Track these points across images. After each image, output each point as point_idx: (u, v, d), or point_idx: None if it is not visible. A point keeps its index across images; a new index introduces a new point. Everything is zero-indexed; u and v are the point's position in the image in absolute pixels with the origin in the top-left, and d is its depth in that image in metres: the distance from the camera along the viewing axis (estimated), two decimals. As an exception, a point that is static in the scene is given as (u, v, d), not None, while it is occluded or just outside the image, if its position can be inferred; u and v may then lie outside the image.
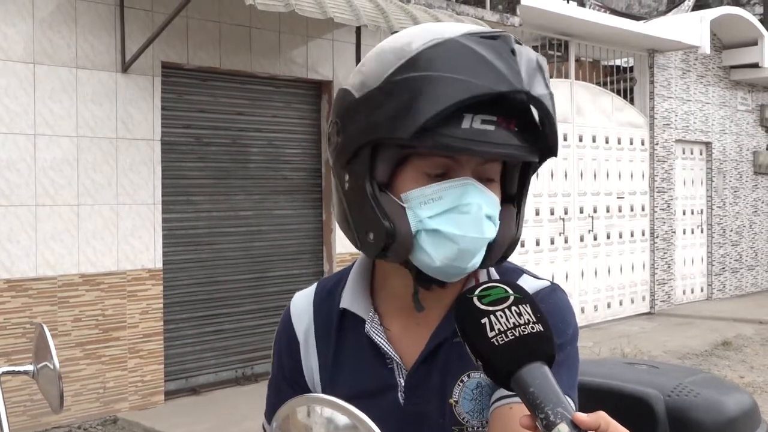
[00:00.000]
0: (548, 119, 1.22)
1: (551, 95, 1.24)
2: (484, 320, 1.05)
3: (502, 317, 1.05)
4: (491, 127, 1.19)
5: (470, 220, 1.21)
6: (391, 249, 1.24)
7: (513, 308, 1.06)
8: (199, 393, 7.09)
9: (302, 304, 1.45)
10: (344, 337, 1.39)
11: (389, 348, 1.34)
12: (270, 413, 1.46)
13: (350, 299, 1.38)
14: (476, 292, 1.08)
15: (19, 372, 1.81)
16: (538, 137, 1.24)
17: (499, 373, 1.04)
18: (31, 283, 6.09)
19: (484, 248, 1.25)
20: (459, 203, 1.22)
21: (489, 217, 1.24)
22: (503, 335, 1.04)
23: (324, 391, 1.39)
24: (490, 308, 1.06)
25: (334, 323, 1.40)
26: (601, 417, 0.98)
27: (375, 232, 1.24)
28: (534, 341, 1.04)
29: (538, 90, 1.20)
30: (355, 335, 1.37)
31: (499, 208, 1.28)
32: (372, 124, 1.22)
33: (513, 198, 1.33)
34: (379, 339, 1.34)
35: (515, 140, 1.20)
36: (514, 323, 1.05)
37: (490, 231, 1.24)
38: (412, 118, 1.17)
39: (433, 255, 1.22)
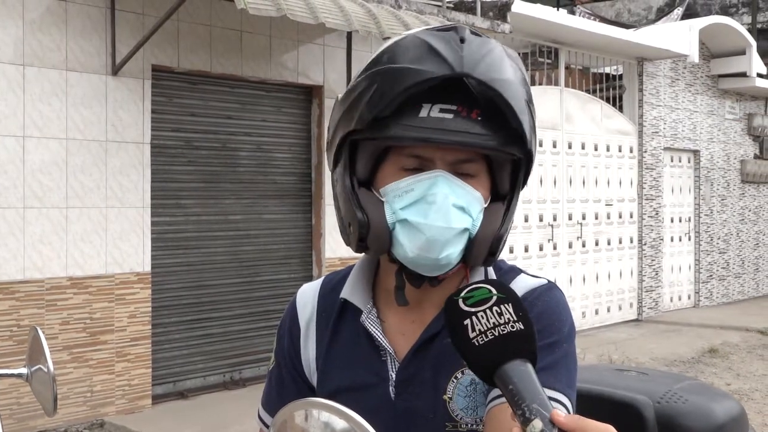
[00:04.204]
0: (506, 105, 1.22)
1: (514, 82, 1.24)
2: (467, 321, 1.08)
3: (483, 318, 1.07)
4: (449, 116, 1.23)
5: (436, 209, 1.24)
6: (369, 241, 1.29)
7: (494, 308, 1.08)
8: (186, 397, 7.07)
9: (308, 294, 1.49)
10: (342, 328, 1.42)
11: (383, 339, 1.36)
12: (267, 402, 1.50)
13: (350, 291, 1.41)
14: (462, 293, 1.10)
15: (12, 375, 1.80)
16: (504, 126, 1.25)
17: (482, 371, 1.08)
18: (19, 285, 6.06)
19: (459, 240, 1.27)
20: (426, 193, 1.25)
21: (459, 208, 1.26)
22: (483, 335, 1.07)
23: (318, 380, 1.42)
24: (473, 309, 1.08)
25: (334, 314, 1.43)
26: (578, 420, 0.99)
27: (353, 225, 1.29)
28: (513, 340, 1.07)
29: (488, 75, 1.21)
30: (353, 326, 1.40)
31: (481, 202, 1.30)
32: (342, 120, 1.30)
33: (504, 197, 1.35)
34: (374, 330, 1.37)
35: (476, 128, 1.23)
36: (494, 323, 1.07)
37: (459, 221, 1.26)
38: (367, 110, 1.23)
39: (406, 246, 1.26)
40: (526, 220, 10.25)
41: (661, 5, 19.75)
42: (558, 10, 13.81)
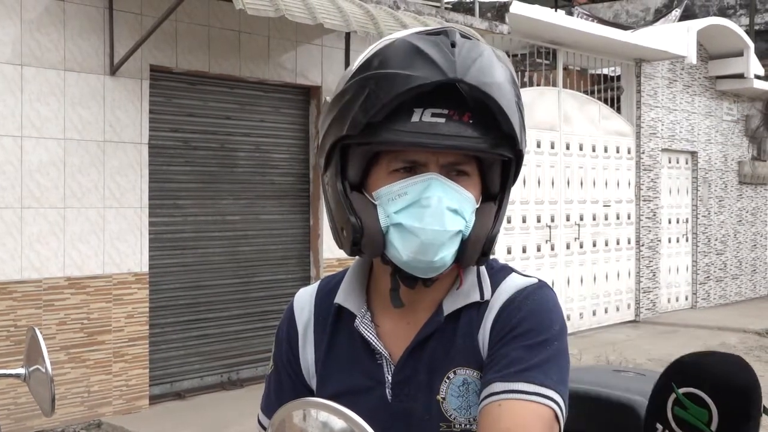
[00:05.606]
0: (498, 109, 1.24)
1: (505, 84, 1.25)
2: (658, 426, 0.96)
3: None
4: (441, 120, 1.23)
5: (431, 213, 1.24)
6: (363, 244, 1.29)
7: None
8: (184, 398, 7.06)
9: (305, 298, 1.49)
10: (338, 333, 1.42)
11: (378, 343, 1.37)
12: (267, 406, 1.49)
13: (344, 295, 1.42)
14: (682, 389, 0.94)
15: (10, 375, 1.80)
16: (494, 127, 1.26)
17: None
18: (16, 285, 6.06)
19: (453, 242, 1.27)
20: (420, 197, 1.25)
21: (453, 211, 1.26)
22: None
23: (317, 384, 1.42)
24: (674, 426, 0.93)
25: (330, 318, 1.43)
26: None
27: (346, 229, 1.30)
28: None
29: (479, 79, 1.22)
30: (348, 331, 1.40)
31: (473, 203, 1.31)
32: (332, 125, 1.29)
33: (495, 196, 1.35)
34: (369, 334, 1.37)
35: (468, 131, 1.24)
36: None
37: (453, 224, 1.26)
38: (359, 115, 1.24)
39: (400, 249, 1.26)
40: (524, 221, 10.25)
41: (659, 6, 19.77)
42: (556, 11, 13.81)
